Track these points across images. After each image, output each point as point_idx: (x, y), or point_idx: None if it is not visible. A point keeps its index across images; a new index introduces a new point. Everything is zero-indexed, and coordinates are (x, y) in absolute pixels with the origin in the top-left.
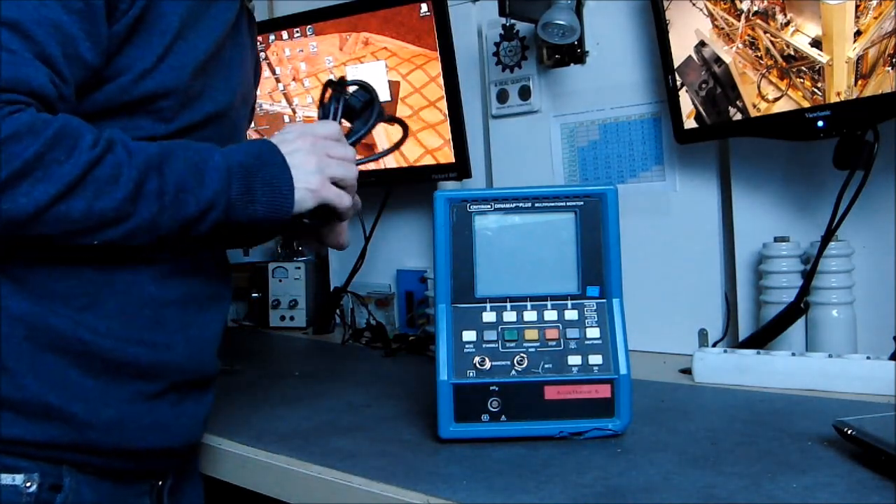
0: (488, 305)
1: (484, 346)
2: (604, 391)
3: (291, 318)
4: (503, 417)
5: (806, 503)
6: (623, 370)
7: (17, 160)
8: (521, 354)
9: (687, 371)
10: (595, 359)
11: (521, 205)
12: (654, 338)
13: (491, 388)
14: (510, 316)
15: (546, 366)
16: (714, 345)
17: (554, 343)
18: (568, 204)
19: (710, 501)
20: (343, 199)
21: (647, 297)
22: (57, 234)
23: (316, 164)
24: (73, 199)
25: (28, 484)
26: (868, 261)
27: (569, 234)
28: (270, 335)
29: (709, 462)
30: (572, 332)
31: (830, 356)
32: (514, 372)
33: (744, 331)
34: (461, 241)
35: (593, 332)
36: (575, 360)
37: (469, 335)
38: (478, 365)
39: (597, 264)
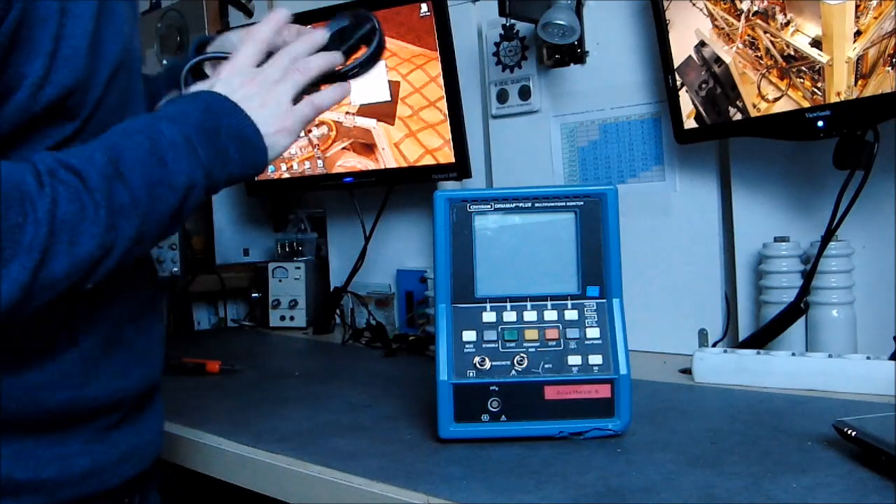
0: (488, 305)
1: (484, 346)
2: (604, 391)
3: (291, 318)
4: (503, 417)
5: (806, 503)
6: (623, 370)
7: None
8: (521, 354)
9: (687, 371)
10: (595, 359)
11: (521, 205)
12: (654, 338)
13: (491, 388)
14: (510, 316)
15: (546, 366)
16: (714, 345)
17: (554, 343)
18: (568, 204)
19: (710, 501)
20: (330, 100)
21: (647, 297)
22: (52, 300)
23: (275, 100)
24: (52, 261)
25: None
26: (868, 261)
27: (569, 234)
28: (270, 335)
29: (709, 462)
30: (572, 332)
31: (830, 356)
32: (513, 372)
33: (744, 331)
34: (461, 241)
35: (593, 332)
36: (575, 360)
37: (469, 335)
38: (478, 365)
39: (597, 264)
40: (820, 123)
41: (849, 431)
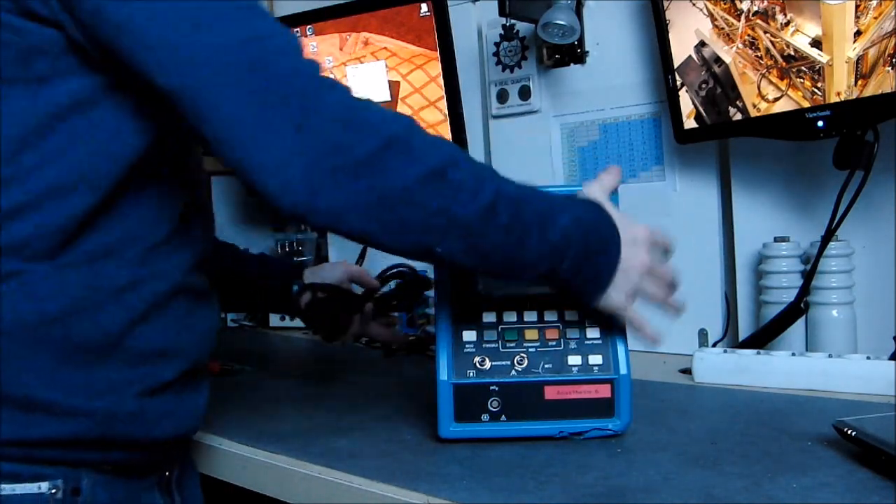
0: (488, 305)
1: (484, 345)
2: (604, 391)
3: (292, 318)
4: (503, 417)
5: (806, 503)
6: (623, 370)
7: (386, 133)
8: (521, 354)
9: (687, 371)
10: (595, 359)
11: None
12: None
13: (491, 387)
14: (510, 316)
15: (546, 366)
16: (714, 345)
17: (554, 343)
18: None
19: (710, 501)
20: (635, 321)
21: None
22: (410, 220)
23: (634, 286)
24: (434, 190)
25: (53, 491)
26: (868, 261)
27: None
28: (270, 335)
29: (709, 462)
30: (572, 332)
31: (830, 356)
32: (513, 372)
33: (744, 331)
34: None
35: (593, 332)
36: (575, 359)
37: (469, 335)
38: (478, 365)
39: None
40: (820, 123)
41: (849, 431)
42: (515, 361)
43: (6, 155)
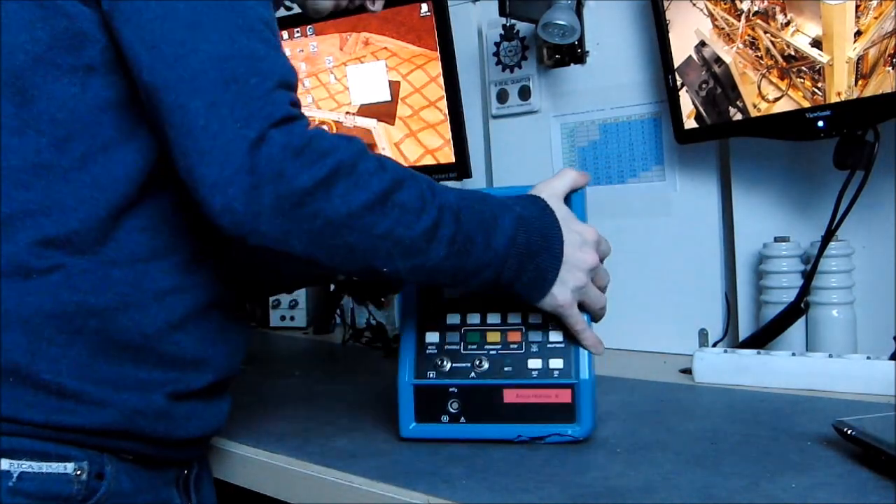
0: (453, 307)
1: (446, 347)
2: (564, 396)
3: (291, 318)
4: (462, 419)
5: (805, 503)
6: (584, 375)
7: (333, 161)
8: (482, 357)
9: (687, 371)
10: (556, 363)
11: None
12: (654, 338)
13: (450, 389)
14: (474, 318)
15: (506, 369)
16: (714, 345)
17: (515, 346)
18: None
19: (710, 501)
20: (577, 325)
21: (647, 297)
22: (356, 246)
23: (580, 284)
24: (379, 215)
25: (78, 472)
26: (868, 261)
27: None
28: (270, 335)
29: (708, 462)
30: (535, 336)
31: (830, 356)
32: (473, 374)
33: (744, 331)
34: None
35: (556, 336)
36: (535, 363)
37: (432, 336)
38: (438, 366)
39: None
40: (820, 123)
41: (848, 431)
42: (475, 364)
43: (56, 143)
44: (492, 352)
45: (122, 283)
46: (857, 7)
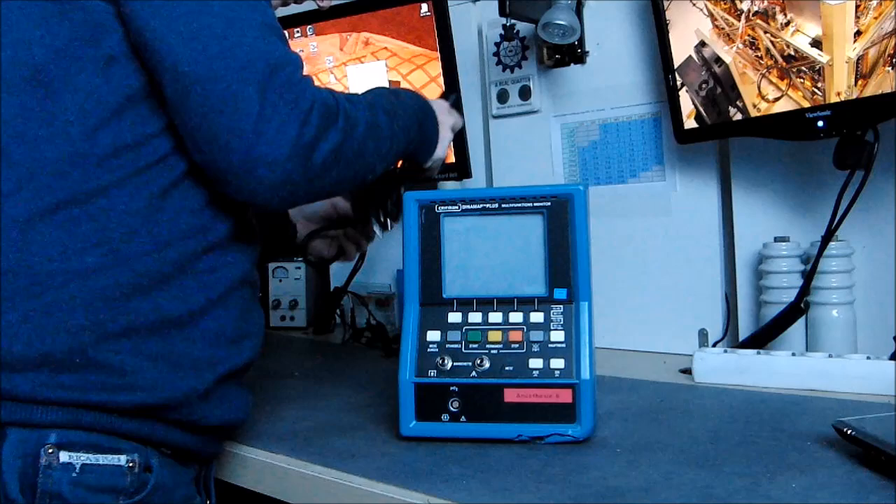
0: (455, 306)
1: (447, 346)
2: (565, 396)
3: (291, 318)
4: (463, 418)
5: (805, 503)
6: (585, 375)
7: (341, 116)
8: (483, 356)
9: (687, 371)
10: (557, 363)
11: (487, 206)
12: (654, 338)
13: (451, 388)
14: (475, 317)
15: (507, 368)
16: (714, 345)
17: (516, 345)
18: (535, 205)
19: (710, 501)
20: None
21: (647, 297)
22: (367, 160)
23: (448, 140)
24: (373, 137)
25: (131, 464)
26: (868, 261)
27: (536, 235)
28: (270, 335)
29: (708, 462)
30: (536, 335)
31: (830, 356)
32: (474, 373)
33: (744, 331)
34: (429, 241)
35: (557, 336)
36: (536, 363)
37: (433, 335)
38: (439, 365)
39: (565, 266)
40: (820, 123)
41: (848, 431)
42: (476, 363)
43: (87, 133)
44: (493, 351)
45: (168, 262)
46: (857, 7)
